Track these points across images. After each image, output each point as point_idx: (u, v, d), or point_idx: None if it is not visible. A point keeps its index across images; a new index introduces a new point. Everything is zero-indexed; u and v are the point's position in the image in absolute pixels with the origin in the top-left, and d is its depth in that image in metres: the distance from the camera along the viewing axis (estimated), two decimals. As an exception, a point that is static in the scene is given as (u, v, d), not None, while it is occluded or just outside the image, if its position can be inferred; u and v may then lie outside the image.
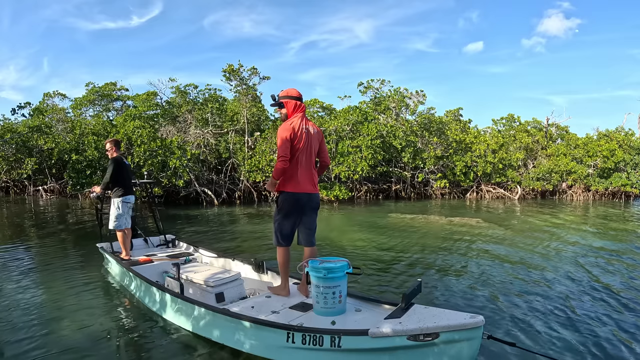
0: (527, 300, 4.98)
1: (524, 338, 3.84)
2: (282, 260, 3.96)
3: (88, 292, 5.18)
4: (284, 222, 3.89)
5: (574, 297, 5.09)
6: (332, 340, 2.88)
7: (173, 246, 6.66)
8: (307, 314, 3.51)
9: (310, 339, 2.93)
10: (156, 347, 3.67)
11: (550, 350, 3.58)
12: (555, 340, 3.81)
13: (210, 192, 18.08)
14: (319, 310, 3.44)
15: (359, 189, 20.39)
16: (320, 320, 3.31)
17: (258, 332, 3.24)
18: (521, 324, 4.21)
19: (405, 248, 8.08)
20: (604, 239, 9.38)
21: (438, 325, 2.63)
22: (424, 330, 2.64)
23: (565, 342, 3.79)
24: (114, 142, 6.04)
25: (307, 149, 3.87)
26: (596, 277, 6.07)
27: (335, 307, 3.40)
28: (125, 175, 5.97)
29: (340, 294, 3.41)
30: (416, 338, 2.65)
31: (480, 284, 5.67)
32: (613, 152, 20.95)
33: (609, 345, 3.74)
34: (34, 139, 20.03)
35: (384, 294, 5.12)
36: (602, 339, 3.86)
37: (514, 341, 3.15)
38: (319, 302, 3.41)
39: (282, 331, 3.06)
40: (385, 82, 22.60)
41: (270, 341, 3.17)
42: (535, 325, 4.17)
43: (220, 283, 4.32)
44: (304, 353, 3.02)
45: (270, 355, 3.22)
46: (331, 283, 3.36)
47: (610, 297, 5.12)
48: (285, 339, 3.05)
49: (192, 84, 21.53)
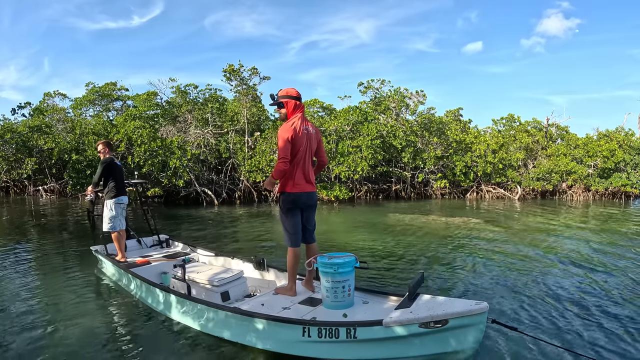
0: (524, 292, 5.15)
1: (524, 327, 4.00)
2: (293, 262, 3.97)
3: (88, 293, 5.13)
4: (290, 221, 3.94)
5: (572, 292, 5.18)
6: (347, 332, 2.97)
7: (167, 246, 6.59)
8: (317, 308, 3.57)
9: (326, 332, 3.02)
10: (166, 349, 3.63)
11: (546, 336, 3.78)
12: (552, 329, 4.00)
13: (210, 192, 18.07)
14: (329, 304, 3.51)
15: (359, 189, 20.40)
16: (331, 314, 3.39)
17: (273, 329, 3.28)
18: (521, 313, 4.43)
19: (405, 246, 8.11)
20: (603, 238, 9.40)
21: (447, 312, 2.78)
22: (434, 318, 2.79)
23: (560, 329, 3.98)
24: (105, 143, 5.99)
25: (307, 150, 3.91)
26: (594, 272, 6.14)
27: (344, 301, 3.48)
28: (116, 176, 5.89)
29: (349, 288, 3.49)
30: (427, 325, 2.80)
31: (478, 279, 5.80)
32: (613, 152, 20.99)
33: (602, 333, 3.89)
34: (34, 139, 20.01)
35: (386, 288, 5.24)
36: (595, 328, 4.03)
37: (515, 326, 3.32)
38: (329, 296, 3.49)
39: (298, 326, 3.13)
40: (385, 82, 22.65)
41: (286, 337, 3.22)
42: (533, 314, 4.38)
43: (224, 282, 4.33)
44: (321, 346, 3.10)
45: (286, 350, 3.27)
46: (341, 277, 3.44)
47: (605, 290, 5.22)
48: (301, 333, 3.12)
49: (192, 84, 21.58)
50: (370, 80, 22.69)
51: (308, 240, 4.11)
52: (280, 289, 4.10)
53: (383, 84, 22.62)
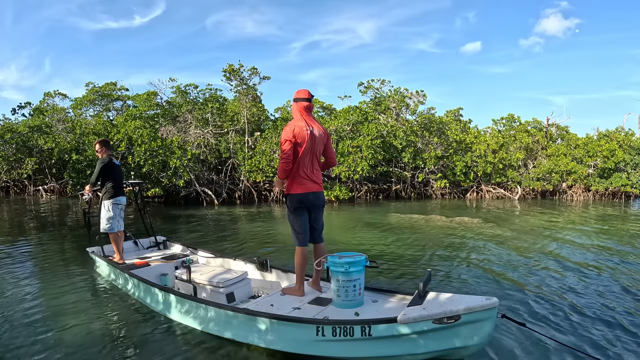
0: (528, 289, 5.19)
1: (531, 324, 4.02)
2: (300, 262, 3.97)
3: (87, 294, 5.08)
4: (297, 222, 3.98)
5: (573, 289, 5.23)
6: (362, 330, 3.00)
7: (165, 248, 6.49)
8: (328, 307, 3.57)
9: (340, 330, 3.04)
10: (172, 351, 3.56)
11: (552, 334, 3.82)
12: (558, 327, 4.04)
13: (210, 192, 18.05)
14: (340, 303, 3.52)
15: (359, 189, 20.40)
16: (343, 313, 3.41)
17: (286, 329, 3.28)
18: (526, 309, 4.49)
19: (406, 246, 8.14)
20: (604, 238, 9.42)
21: (459, 308, 2.85)
22: (447, 314, 2.85)
23: (565, 327, 4.02)
24: (102, 142, 5.87)
25: (311, 151, 3.94)
26: (595, 272, 6.16)
27: (355, 300, 3.50)
28: (114, 176, 5.76)
29: (360, 287, 3.50)
30: (440, 321, 2.87)
31: (482, 277, 5.85)
32: (613, 152, 21.02)
33: (606, 333, 3.91)
34: (34, 138, 19.96)
35: (391, 286, 5.23)
36: (598, 327, 4.04)
37: (523, 322, 3.37)
38: (340, 295, 3.50)
39: (311, 326, 3.15)
40: (385, 82, 22.65)
41: (299, 336, 3.23)
42: (539, 311, 4.44)
43: (229, 283, 4.31)
44: (335, 344, 3.12)
45: (299, 350, 3.28)
46: (351, 277, 3.45)
47: (609, 290, 5.25)
48: (315, 333, 3.13)
49: (192, 83, 21.53)
50: (371, 80, 22.71)
51: (316, 240, 4.12)
52: (288, 289, 4.08)
53: (383, 84, 22.63)
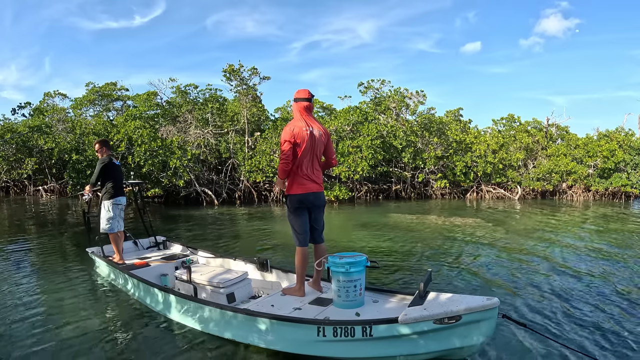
0: (528, 290, 5.20)
1: (531, 324, 4.03)
2: (301, 262, 3.96)
3: (87, 294, 5.06)
4: (297, 222, 3.97)
5: (574, 290, 5.22)
6: (363, 330, 2.99)
7: (164, 248, 6.47)
8: (328, 308, 3.56)
9: (342, 330, 3.04)
10: (171, 352, 3.54)
11: (552, 335, 3.82)
12: (558, 327, 4.03)
13: (210, 192, 18.05)
14: (341, 304, 3.51)
15: (359, 189, 20.39)
16: (343, 313, 3.40)
17: (287, 329, 3.28)
18: (526, 310, 4.48)
19: (407, 246, 8.13)
20: (604, 238, 9.42)
21: (460, 308, 2.85)
22: (449, 314, 2.86)
23: (565, 327, 4.02)
24: (102, 142, 5.85)
25: (311, 151, 3.93)
26: (596, 271, 6.17)
27: (356, 300, 3.49)
28: (114, 176, 5.73)
29: (360, 287, 3.50)
30: (441, 321, 2.87)
31: (482, 277, 5.85)
32: (613, 152, 21.02)
33: (606, 333, 3.90)
34: (34, 139, 19.96)
35: (391, 286, 5.27)
36: (599, 327, 4.05)
37: (524, 322, 3.38)
38: (341, 295, 3.49)
39: (312, 326, 3.15)
40: (385, 82, 22.64)
41: (300, 337, 3.22)
42: (539, 312, 4.44)
43: (230, 284, 4.30)
44: (336, 345, 3.12)
45: (300, 350, 3.27)
46: (352, 277, 3.44)
47: (608, 290, 5.25)
48: (315, 333, 3.13)
49: (192, 84, 21.55)
50: (371, 80, 22.71)
51: (316, 240, 4.11)
52: (288, 290, 4.07)
53: (383, 84, 22.63)
